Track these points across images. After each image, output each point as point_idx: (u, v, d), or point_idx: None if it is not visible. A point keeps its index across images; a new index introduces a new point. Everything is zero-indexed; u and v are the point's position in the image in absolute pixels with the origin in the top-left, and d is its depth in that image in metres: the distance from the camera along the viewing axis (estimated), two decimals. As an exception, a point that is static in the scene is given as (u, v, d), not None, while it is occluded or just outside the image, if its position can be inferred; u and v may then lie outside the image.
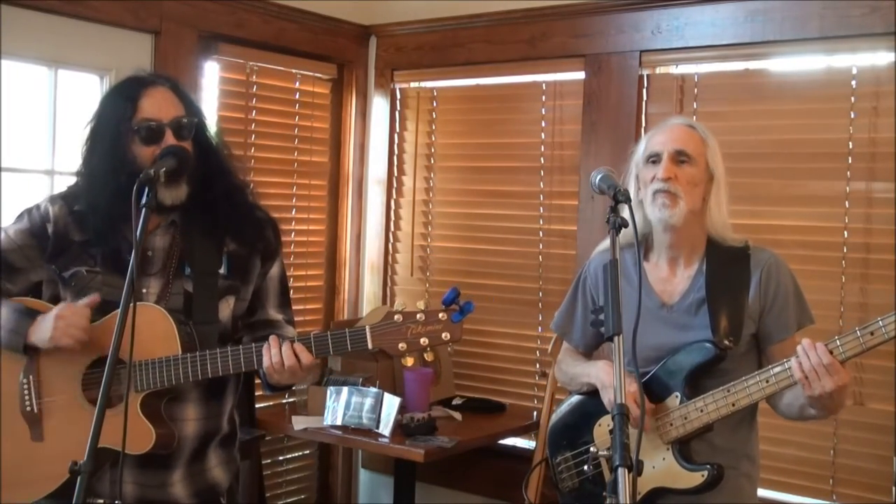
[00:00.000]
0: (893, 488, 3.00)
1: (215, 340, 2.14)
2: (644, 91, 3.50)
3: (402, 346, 2.03)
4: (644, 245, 2.31)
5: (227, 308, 2.21)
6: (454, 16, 3.88)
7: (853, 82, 3.11)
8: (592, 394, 2.32)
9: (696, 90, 3.41)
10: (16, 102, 3.08)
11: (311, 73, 4.06)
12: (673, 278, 2.28)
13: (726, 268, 2.22)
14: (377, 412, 3.34)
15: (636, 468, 1.60)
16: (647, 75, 3.50)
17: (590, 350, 2.50)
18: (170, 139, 2.11)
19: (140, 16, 3.31)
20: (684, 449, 2.18)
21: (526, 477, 3.10)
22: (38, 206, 2.23)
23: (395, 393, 3.45)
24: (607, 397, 2.21)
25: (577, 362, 2.46)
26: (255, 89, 3.86)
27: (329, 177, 4.19)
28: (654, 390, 2.21)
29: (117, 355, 1.82)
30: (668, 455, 2.19)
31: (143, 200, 1.91)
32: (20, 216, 2.25)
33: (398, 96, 4.17)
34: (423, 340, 2.03)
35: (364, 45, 4.18)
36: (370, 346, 2.03)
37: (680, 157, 2.20)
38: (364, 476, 4.27)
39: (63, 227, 2.19)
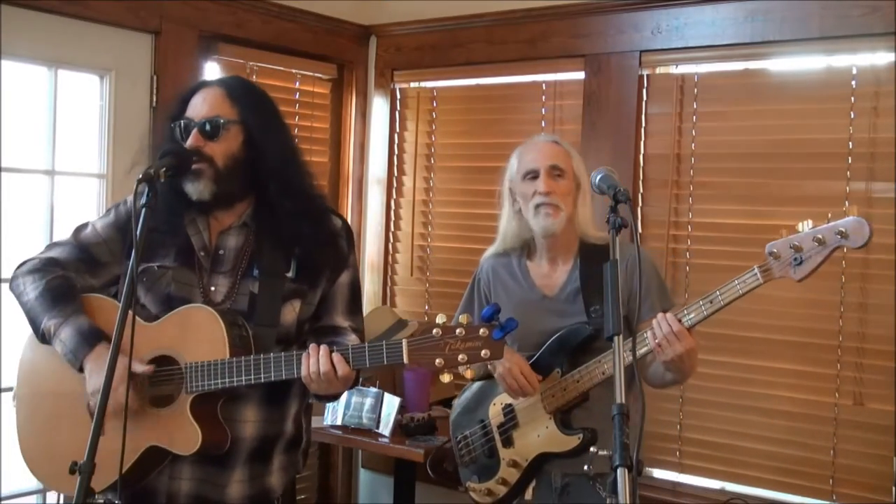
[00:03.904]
0: (893, 488, 3.00)
1: (273, 343, 2.12)
2: (644, 91, 3.50)
3: (439, 361, 1.95)
4: (527, 249, 2.64)
5: (291, 312, 2.18)
6: (454, 16, 3.88)
7: (853, 82, 3.11)
8: (489, 377, 2.63)
9: (696, 90, 3.41)
10: (16, 102, 3.08)
11: (311, 73, 4.06)
12: (553, 273, 2.60)
13: (597, 262, 2.41)
14: (377, 412, 3.34)
15: (636, 468, 1.63)
16: (647, 75, 3.50)
17: None
18: (195, 138, 2.11)
19: (140, 16, 3.31)
20: (565, 417, 2.51)
21: (430, 456, 3.19)
22: (125, 201, 2.27)
23: (395, 393, 3.45)
24: (502, 383, 2.52)
25: None
26: (255, 89, 3.85)
27: (329, 177, 4.19)
28: (540, 369, 2.52)
29: (118, 351, 1.84)
30: (551, 423, 2.51)
31: (143, 200, 1.92)
32: (108, 211, 2.29)
33: (398, 96, 4.17)
34: (462, 357, 1.94)
35: (364, 45, 4.18)
36: (406, 360, 1.97)
37: (555, 172, 2.52)
38: (364, 476, 4.27)
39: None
